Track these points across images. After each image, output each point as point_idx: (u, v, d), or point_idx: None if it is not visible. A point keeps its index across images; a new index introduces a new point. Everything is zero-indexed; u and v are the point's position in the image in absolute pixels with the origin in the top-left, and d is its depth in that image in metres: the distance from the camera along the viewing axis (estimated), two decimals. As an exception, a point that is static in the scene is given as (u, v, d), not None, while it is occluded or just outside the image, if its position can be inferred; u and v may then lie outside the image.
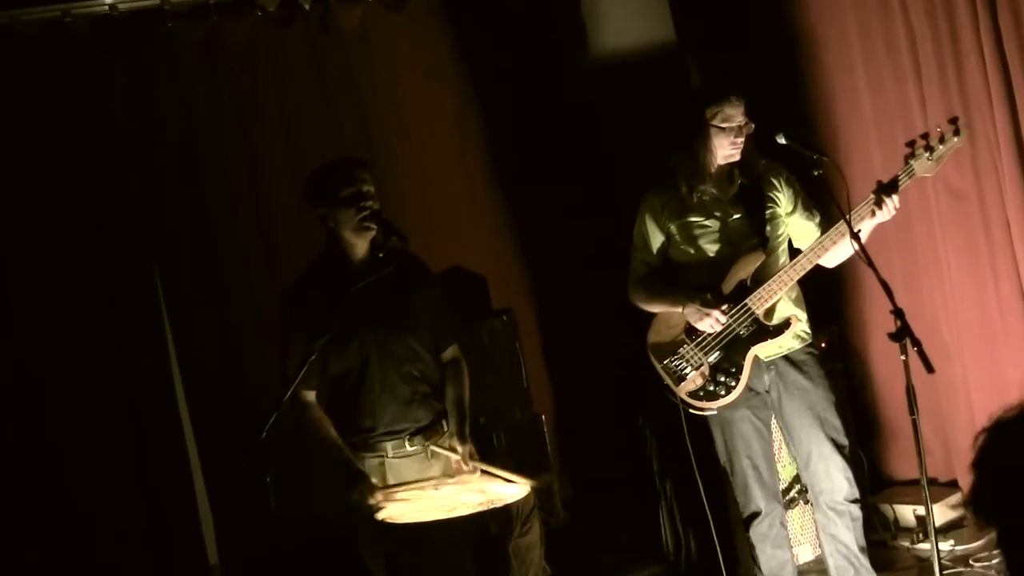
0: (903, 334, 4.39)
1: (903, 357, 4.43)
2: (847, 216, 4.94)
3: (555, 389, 7.62)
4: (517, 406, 6.90)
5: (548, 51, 7.73)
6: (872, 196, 4.97)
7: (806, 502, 5.80)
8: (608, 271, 7.50)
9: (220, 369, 6.63)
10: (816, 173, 4.99)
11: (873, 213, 4.98)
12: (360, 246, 4.92)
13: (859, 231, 4.89)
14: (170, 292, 6.58)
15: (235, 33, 6.79)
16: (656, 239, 5.38)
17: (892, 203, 4.96)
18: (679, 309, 5.23)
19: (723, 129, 5.14)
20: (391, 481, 4.90)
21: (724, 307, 5.13)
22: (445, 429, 5.00)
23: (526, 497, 4.51)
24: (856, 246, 4.77)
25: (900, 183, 5.00)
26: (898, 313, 4.41)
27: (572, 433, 7.47)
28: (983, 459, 2.32)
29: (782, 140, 5.04)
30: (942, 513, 6.12)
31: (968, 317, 6.19)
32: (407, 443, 4.92)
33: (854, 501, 5.29)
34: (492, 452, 6.38)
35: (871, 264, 4.66)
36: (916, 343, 4.34)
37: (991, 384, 6.13)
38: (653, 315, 5.43)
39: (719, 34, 7.19)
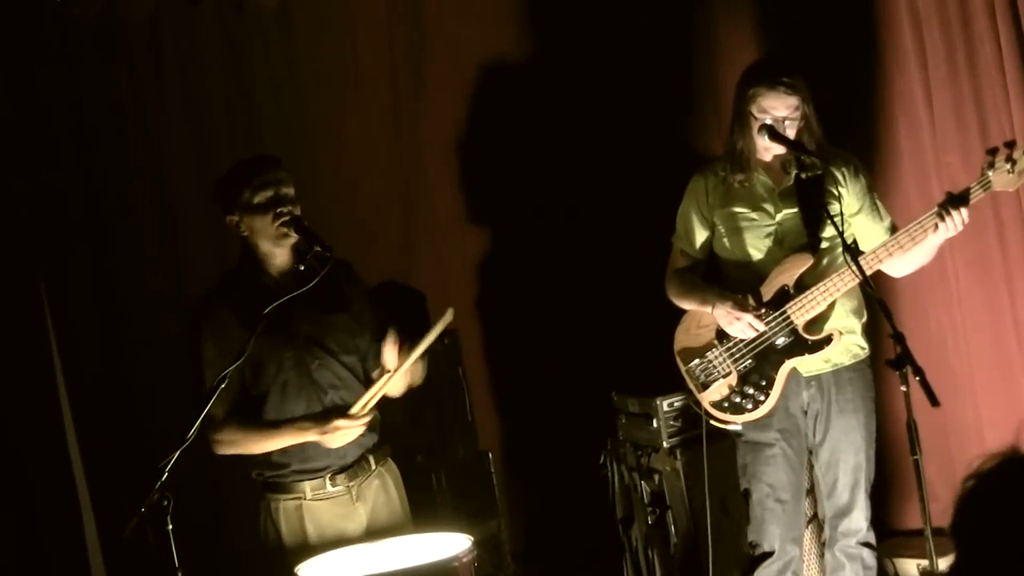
0: (903, 361, 4.36)
1: (904, 388, 4.41)
2: (835, 221, 4.96)
3: (504, 423, 7.56)
4: (460, 442, 6.81)
5: (505, 41, 7.70)
6: (936, 208, 4.93)
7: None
8: (568, 287, 7.53)
9: (114, 400, 6.48)
10: (804, 176, 5.01)
11: (936, 227, 4.96)
12: (280, 257, 4.83)
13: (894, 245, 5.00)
14: (57, 309, 6.45)
15: (136, 11, 6.71)
16: (699, 229, 5.36)
17: (960, 217, 4.90)
18: (708, 309, 5.23)
19: (758, 119, 5.11)
20: (310, 528, 4.85)
21: (760, 312, 5.14)
22: (371, 468, 4.97)
23: (468, 550, 4.48)
24: (852, 264, 4.78)
25: (972, 196, 4.95)
26: (898, 337, 4.38)
27: (523, 473, 7.44)
28: (966, 523, 2.15)
29: (765, 136, 5.06)
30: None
31: (980, 343, 6.15)
32: (328, 483, 4.87)
33: (867, 544, 5.32)
34: (431, 494, 6.36)
35: (867, 282, 4.65)
36: (918, 372, 4.31)
37: (1006, 421, 6.06)
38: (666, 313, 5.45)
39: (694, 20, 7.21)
